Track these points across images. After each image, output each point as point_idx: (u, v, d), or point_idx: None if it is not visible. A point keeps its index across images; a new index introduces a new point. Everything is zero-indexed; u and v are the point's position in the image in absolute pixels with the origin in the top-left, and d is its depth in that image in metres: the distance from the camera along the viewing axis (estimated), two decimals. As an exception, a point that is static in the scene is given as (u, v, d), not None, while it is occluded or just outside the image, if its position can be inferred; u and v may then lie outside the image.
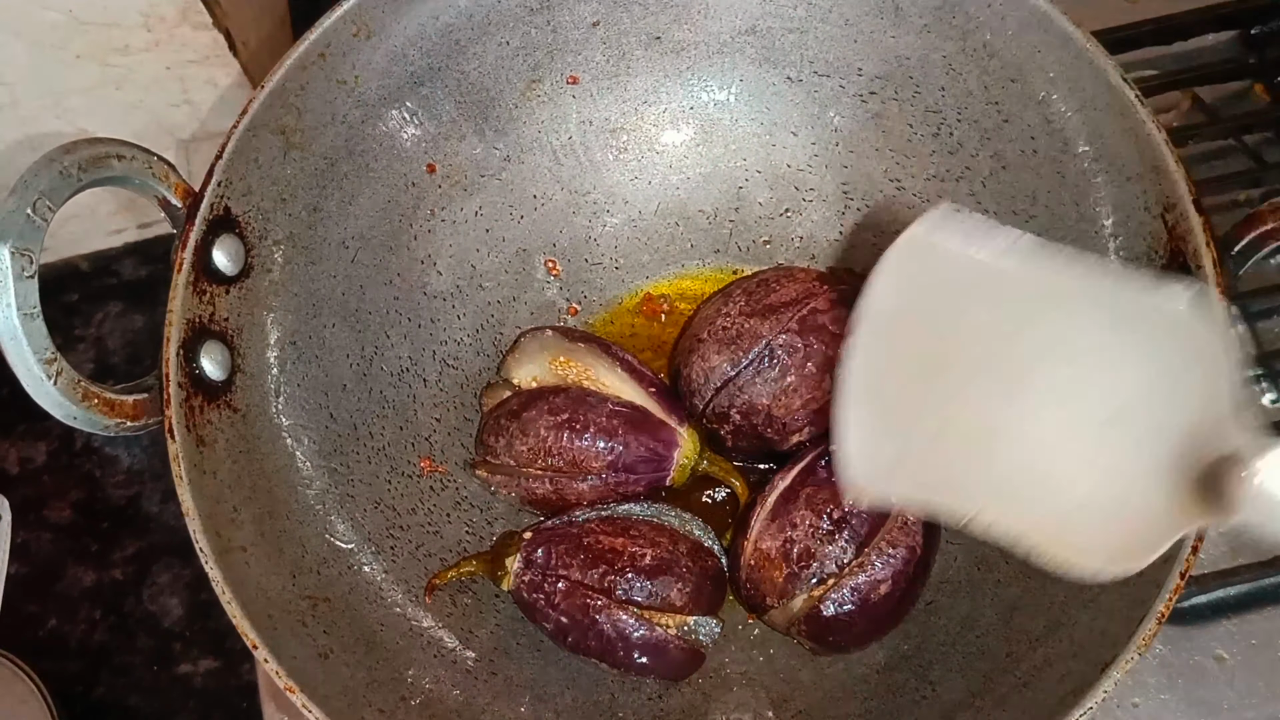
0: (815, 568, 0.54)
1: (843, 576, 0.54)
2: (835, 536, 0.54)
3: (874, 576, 0.54)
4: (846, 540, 0.54)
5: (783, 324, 0.59)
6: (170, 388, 0.51)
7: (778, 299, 0.60)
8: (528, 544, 0.57)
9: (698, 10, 0.65)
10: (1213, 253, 0.50)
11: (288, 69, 0.57)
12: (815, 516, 0.55)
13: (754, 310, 0.60)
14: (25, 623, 0.77)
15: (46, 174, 0.48)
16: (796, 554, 0.55)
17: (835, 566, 0.54)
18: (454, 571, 0.58)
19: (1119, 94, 0.54)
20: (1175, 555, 0.47)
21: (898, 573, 0.54)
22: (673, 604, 0.55)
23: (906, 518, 0.55)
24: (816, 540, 0.55)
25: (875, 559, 0.54)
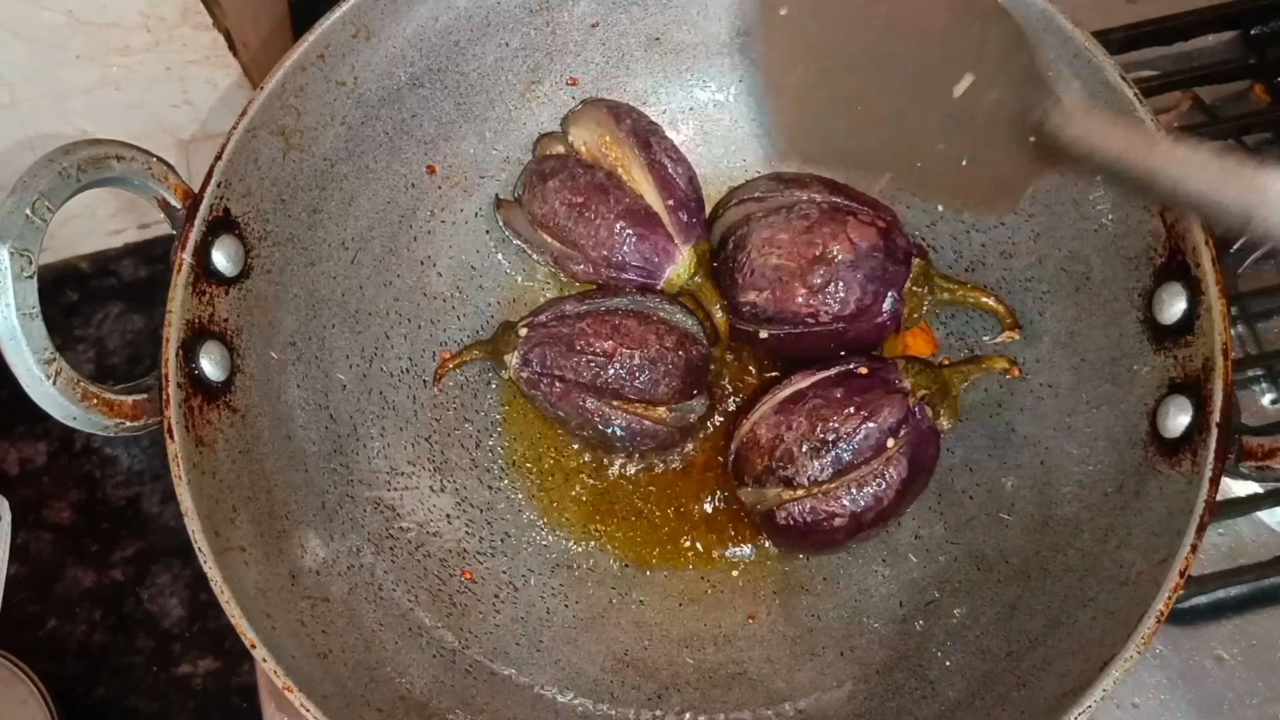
0: (790, 471, 0.56)
1: (809, 492, 0.56)
2: (821, 453, 0.56)
3: (834, 507, 0.56)
4: (829, 462, 0.56)
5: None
6: (169, 388, 0.51)
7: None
8: (523, 342, 0.61)
9: (696, 11, 0.65)
10: (1211, 251, 0.50)
11: (287, 70, 0.57)
12: (811, 428, 0.56)
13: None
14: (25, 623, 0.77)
15: (46, 175, 0.48)
16: (780, 452, 0.57)
17: (807, 480, 0.56)
18: (456, 359, 0.64)
19: (1117, 92, 0.54)
20: (1174, 554, 0.47)
21: (857, 512, 0.56)
22: (660, 397, 0.60)
23: (890, 468, 0.56)
24: (803, 449, 0.56)
25: (844, 492, 0.56)
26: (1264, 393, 0.67)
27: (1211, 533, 0.63)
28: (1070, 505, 0.56)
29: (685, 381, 0.60)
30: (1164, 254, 0.53)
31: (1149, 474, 0.52)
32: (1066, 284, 0.59)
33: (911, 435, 0.56)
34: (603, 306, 0.61)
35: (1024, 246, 0.61)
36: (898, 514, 0.58)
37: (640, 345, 0.59)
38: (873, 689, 0.57)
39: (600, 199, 0.61)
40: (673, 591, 0.62)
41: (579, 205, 0.61)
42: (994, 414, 0.61)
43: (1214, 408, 0.49)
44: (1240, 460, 0.49)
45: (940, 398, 0.58)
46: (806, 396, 0.58)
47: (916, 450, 0.57)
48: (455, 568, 0.61)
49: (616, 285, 0.63)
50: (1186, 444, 0.50)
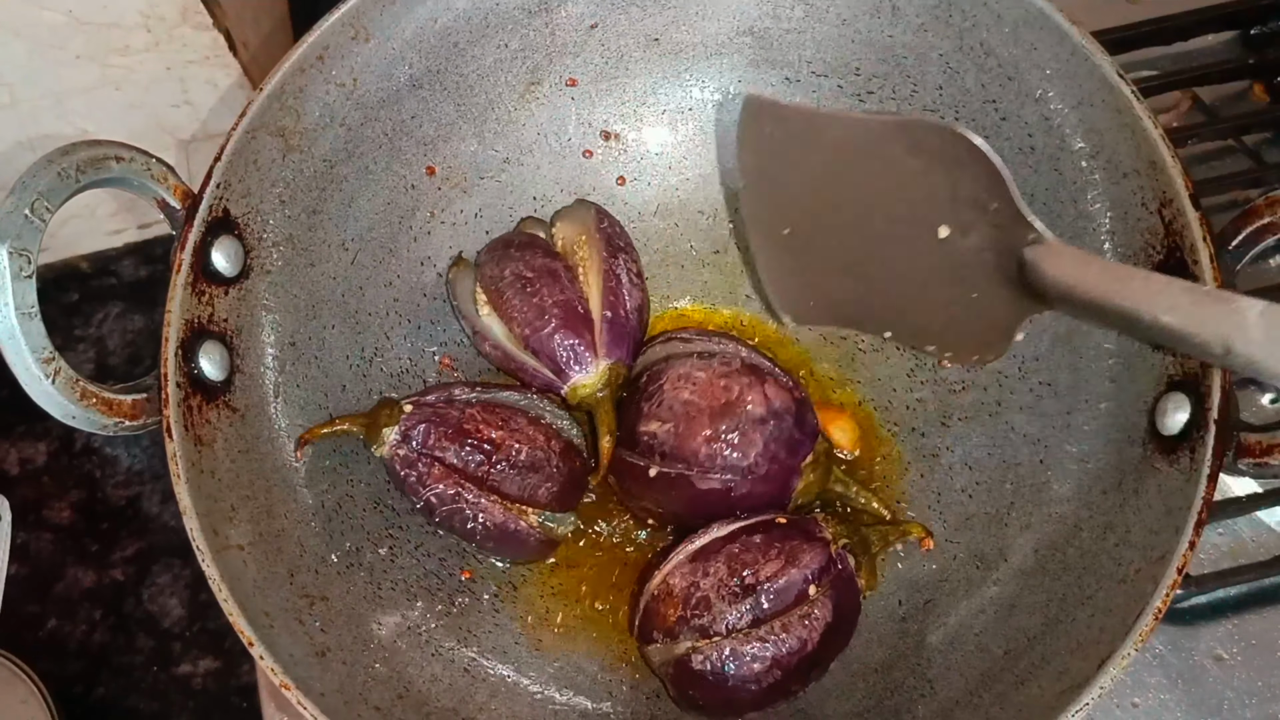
0: (706, 620, 0.53)
1: (726, 638, 0.53)
2: (739, 600, 0.53)
3: (755, 652, 0.52)
4: (748, 608, 0.53)
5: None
6: (169, 388, 0.51)
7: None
8: (407, 418, 0.57)
9: (695, 11, 0.65)
10: (1209, 248, 0.50)
11: (286, 71, 0.57)
12: (729, 574, 0.54)
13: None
14: (25, 623, 0.77)
15: (45, 175, 0.48)
16: (695, 600, 0.54)
17: (724, 628, 0.53)
18: (327, 429, 0.58)
19: (1116, 91, 0.54)
20: (1172, 552, 0.47)
21: (780, 658, 0.52)
22: (538, 500, 0.58)
23: (814, 612, 0.53)
24: (720, 596, 0.53)
25: (766, 637, 0.52)
26: (1263, 392, 0.67)
27: (1211, 532, 0.63)
28: (1069, 503, 0.56)
29: (564, 491, 0.59)
30: (1162, 251, 0.53)
31: (1147, 471, 0.52)
32: (1065, 283, 0.59)
33: (834, 581, 0.54)
34: (496, 397, 0.60)
35: (1022, 245, 0.61)
36: (821, 669, 0.55)
37: (530, 443, 0.57)
38: (871, 687, 0.56)
39: (548, 283, 0.60)
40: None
41: (526, 280, 0.60)
42: (993, 413, 0.61)
43: (1212, 404, 0.49)
44: (1238, 457, 0.48)
45: (860, 552, 0.56)
46: (724, 545, 0.55)
47: (840, 598, 0.54)
48: (454, 567, 0.61)
49: (520, 373, 0.62)
50: (1185, 441, 0.50)
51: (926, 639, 0.57)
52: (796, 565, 0.54)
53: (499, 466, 0.57)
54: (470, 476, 0.57)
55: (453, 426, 0.57)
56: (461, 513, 0.57)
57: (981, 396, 0.62)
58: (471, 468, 0.57)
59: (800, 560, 0.54)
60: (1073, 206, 0.58)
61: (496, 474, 0.57)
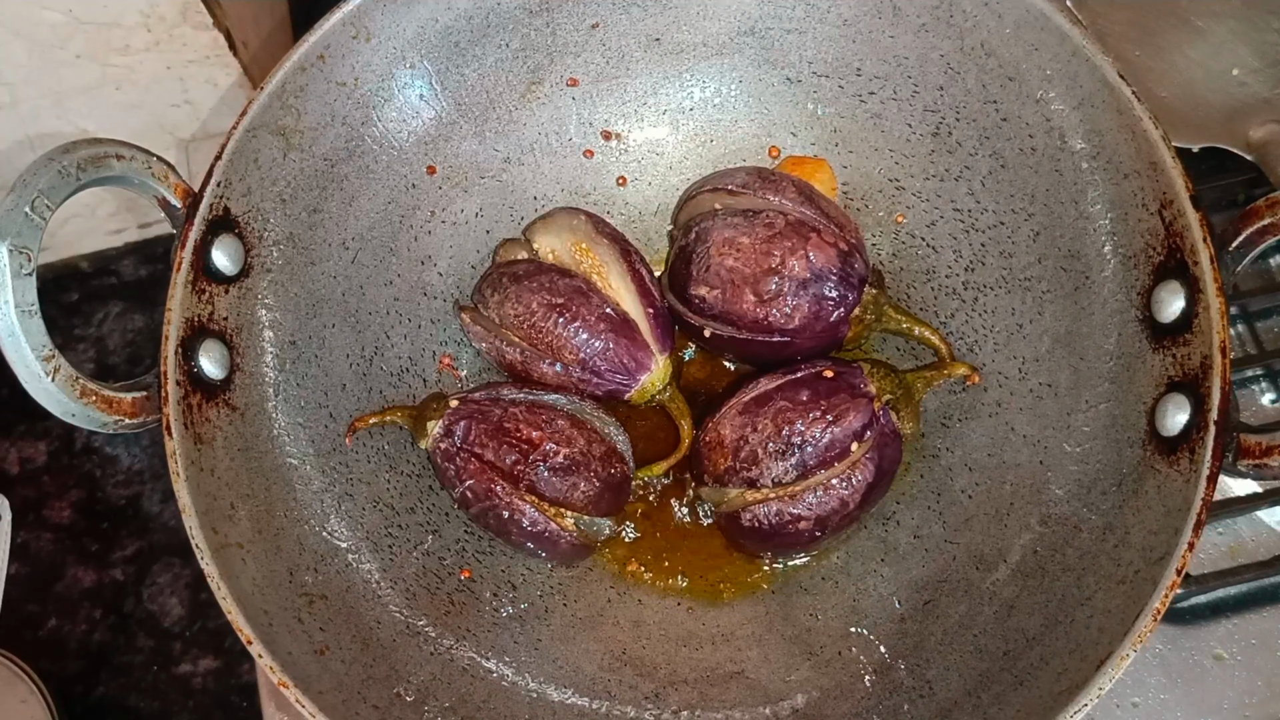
0: (754, 473, 0.57)
1: (772, 494, 0.56)
2: (785, 455, 0.56)
3: (799, 509, 0.56)
4: (793, 464, 0.56)
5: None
6: (168, 386, 0.52)
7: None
8: (450, 413, 0.59)
9: (696, 12, 0.65)
10: (1209, 249, 0.50)
11: (287, 71, 0.57)
12: (776, 430, 0.57)
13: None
14: (25, 623, 0.77)
15: (45, 173, 0.48)
16: (744, 453, 0.57)
17: (770, 481, 0.56)
18: (377, 418, 0.60)
19: (1116, 91, 0.54)
20: (1171, 553, 0.47)
21: (821, 516, 0.56)
22: (573, 503, 0.58)
23: (855, 475, 0.56)
24: (767, 451, 0.56)
25: (808, 494, 0.56)
26: (1263, 392, 0.67)
27: (1211, 532, 0.63)
28: (1068, 504, 0.55)
29: (601, 495, 0.59)
30: (1162, 252, 0.53)
31: (1147, 472, 0.52)
32: (1066, 283, 0.59)
33: (876, 440, 0.57)
34: (542, 399, 0.60)
35: (1023, 245, 0.61)
36: (861, 518, 0.59)
37: (567, 444, 0.58)
38: (870, 688, 0.56)
39: (581, 302, 0.60)
40: (671, 590, 0.62)
41: (559, 307, 0.60)
42: (993, 413, 0.61)
43: (1212, 406, 0.49)
44: (1238, 458, 0.48)
45: (904, 403, 0.59)
46: (772, 399, 0.58)
47: (881, 455, 0.57)
48: (453, 566, 0.61)
49: (584, 391, 0.61)
50: (1184, 442, 0.50)
51: (925, 639, 0.57)
52: (841, 423, 0.56)
53: (535, 467, 0.57)
54: (506, 474, 0.57)
55: (493, 424, 0.58)
56: (495, 510, 0.57)
57: (981, 397, 0.62)
58: (507, 465, 0.57)
59: (845, 418, 0.56)
60: (1073, 207, 0.58)
61: (532, 474, 0.57)
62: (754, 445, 0.57)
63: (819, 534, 0.57)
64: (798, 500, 0.56)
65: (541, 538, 0.58)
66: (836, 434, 0.56)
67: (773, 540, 0.58)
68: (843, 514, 0.57)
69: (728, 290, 0.59)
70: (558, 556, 0.61)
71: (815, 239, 0.59)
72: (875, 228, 0.67)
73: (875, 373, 0.58)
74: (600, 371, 0.60)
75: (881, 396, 0.57)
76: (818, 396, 0.57)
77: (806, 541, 0.58)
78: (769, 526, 0.57)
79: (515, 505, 0.57)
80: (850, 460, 0.56)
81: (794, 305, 0.59)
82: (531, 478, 0.57)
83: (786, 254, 0.58)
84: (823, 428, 0.56)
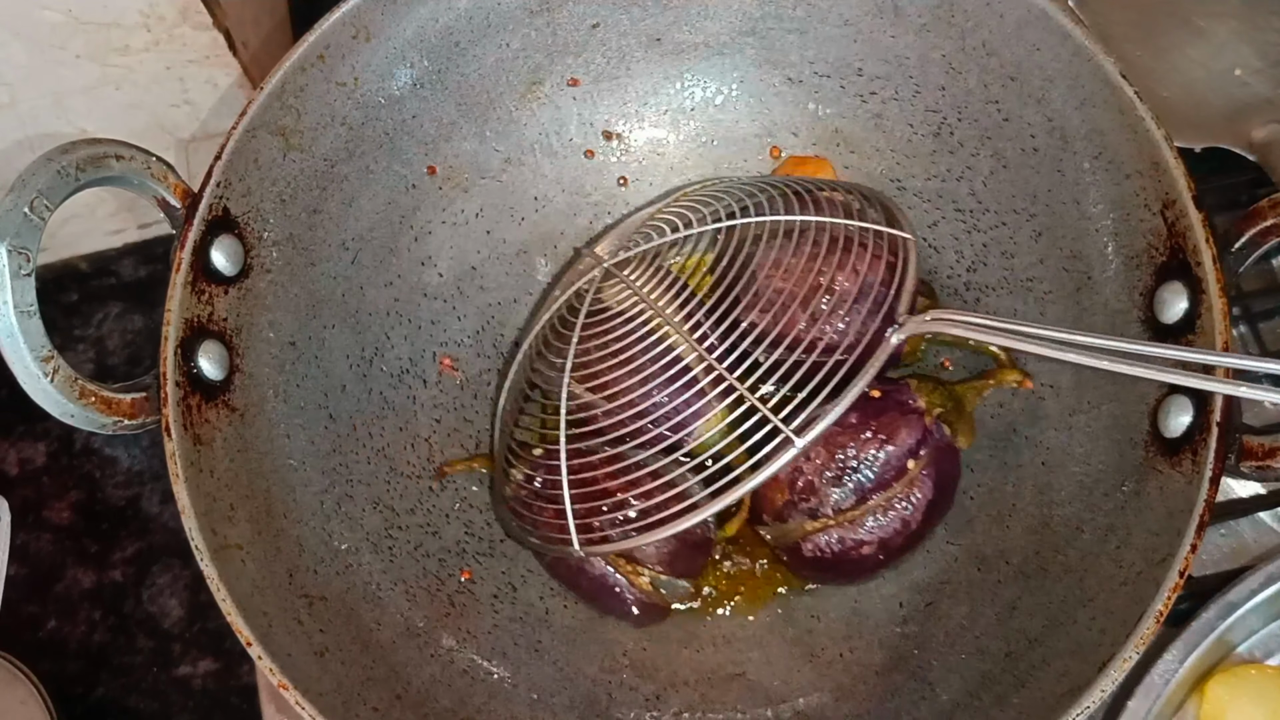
0: (813, 503, 0.55)
1: (833, 522, 0.55)
2: (842, 481, 0.55)
3: (860, 534, 0.55)
4: (851, 489, 0.55)
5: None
6: (168, 386, 0.51)
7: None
8: (533, 462, 0.57)
9: (697, 11, 0.65)
10: (1212, 249, 0.50)
11: (287, 70, 0.57)
12: (830, 457, 0.56)
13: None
14: (25, 624, 0.77)
15: (45, 173, 0.48)
16: (801, 484, 0.56)
17: (831, 510, 0.55)
18: (464, 464, 0.62)
19: (1118, 91, 0.54)
20: (1174, 554, 0.47)
21: (884, 539, 0.55)
22: (648, 560, 0.56)
23: (914, 493, 0.55)
24: (823, 479, 0.55)
25: (869, 518, 0.55)
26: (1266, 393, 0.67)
27: (1213, 533, 0.63)
28: (1070, 505, 0.55)
29: (679, 554, 0.57)
30: (1165, 253, 0.53)
31: (1149, 474, 0.51)
32: (1068, 283, 0.59)
33: (932, 454, 0.56)
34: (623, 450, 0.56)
35: (1025, 246, 0.61)
36: (925, 537, 0.58)
37: (646, 499, 0.54)
38: (871, 689, 0.56)
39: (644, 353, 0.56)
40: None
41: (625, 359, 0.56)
42: (994, 414, 0.61)
43: (1214, 407, 0.48)
44: (1241, 460, 0.48)
45: (955, 415, 0.58)
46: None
47: (939, 470, 0.56)
48: (454, 567, 0.61)
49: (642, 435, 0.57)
50: (1187, 444, 0.50)
51: (927, 641, 0.57)
52: (894, 442, 0.55)
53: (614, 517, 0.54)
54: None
55: (572, 473, 0.55)
56: (567, 561, 0.56)
57: (982, 398, 0.62)
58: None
59: (897, 437, 0.55)
60: (1075, 207, 0.58)
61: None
62: (809, 475, 0.56)
63: (883, 558, 0.56)
64: (858, 525, 0.55)
65: (611, 592, 0.57)
66: (891, 453, 0.55)
67: (837, 569, 0.57)
68: (905, 534, 0.56)
69: (779, 313, 0.57)
70: (629, 616, 0.58)
71: (861, 253, 0.57)
72: (876, 228, 0.66)
73: (923, 387, 0.57)
74: (659, 419, 0.56)
75: (931, 410, 0.56)
76: (867, 417, 0.56)
77: (872, 567, 0.57)
78: (831, 554, 0.56)
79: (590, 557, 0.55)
80: (908, 479, 0.55)
81: (847, 321, 0.57)
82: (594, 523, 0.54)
83: (834, 269, 0.57)
84: (876, 448, 0.55)
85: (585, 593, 0.58)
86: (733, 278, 0.59)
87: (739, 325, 0.57)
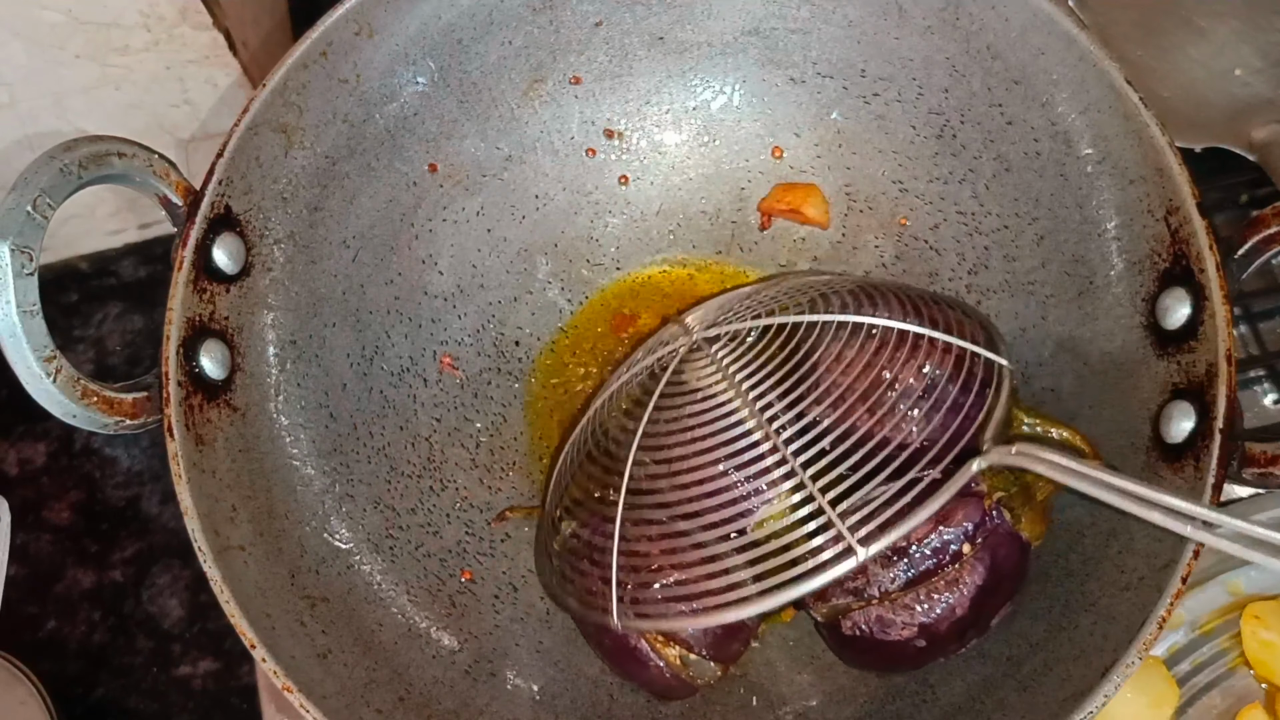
0: (860, 583, 0.52)
1: (877, 603, 0.52)
2: (892, 562, 0.52)
3: (901, 615, 0.52)
4: (900, 570, 0.52)
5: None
6: (170, 386, 0.51)
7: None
8: (586, 523, 0.54)
9: (701, 10, 0.65)
10: (1215, 256, 0.50)
11: (289, 68, 0.57)
12: None
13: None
14: (25, 624, 0.77)
15: (47, 171, 0.48)
16: None
17: (878, 591, 0.52)
18: (523, 513, 0.62)
19: (1123, 96, 0.54)
20: (1177, 560, 0.47)
21: (926, 624, 0.52)
22: (681, 638, 0.54)
23: (963, 577, 0.51)
24: (873, 560, 0.50)
25: (913, 600, 0.52)
26: (1266, 393, 0.67)
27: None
28: (1072, 509, 0.55)
29: (719, 641, 0.54)
30: (1168, 258, 0.53)
31: (1151, 479, 0.51)
32: (1070, 288, 0.59)
33: (989, 540, 0.52)
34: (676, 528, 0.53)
35: (1027, 249, 0.61)
36: (980, 628, 0.53)
37: (683, 571, 0.51)
38: (872, 693, 0.56)
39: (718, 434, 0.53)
40: None
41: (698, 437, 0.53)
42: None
43: (1217, 414, 0.48)
44: (1243, 467, 0.48)
45: (1020, 501, 0.53)
46: None
47: (994, 556, 0.52)
48: (455, 568, 0.60)
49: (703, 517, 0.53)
50: (1189, 450, 0.50)
51: (929, 644, 0.57)
52: (950, 524, 0.52)
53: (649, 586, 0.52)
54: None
55: (624, 541, 0.52)
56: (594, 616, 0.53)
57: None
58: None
59: (953, 518, 0.52)
60: (1078, 212, 0.58)
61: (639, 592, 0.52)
62: None
63: (925, 645, 0.52)
64: (899, 605, 0.52)
65: (632, 656, 0.54)
66: (947, 536, 0.52)
67: (877, 653, 0.53)
68: (950, 621, 0.52)
69: (842, 410, 0.53)
70: (650, 687, 0.56)
71: (927, 347, 0.53)
72: (878, 230, 0.66)
73: (988, 471, 0.52)
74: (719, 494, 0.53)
75: (993, 494, 0.52)
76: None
77: (914, 655, 0.53)
78: (870, 634, 0.52)
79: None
80: (961, 563, 0.52)
81: (912, 419, 0.53)
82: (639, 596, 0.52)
83: (900, 366, 0.53)
84: (929, 529, 0.51)
85: (608, 651, 0.55)
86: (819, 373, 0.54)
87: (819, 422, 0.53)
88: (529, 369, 0.67)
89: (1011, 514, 0.53)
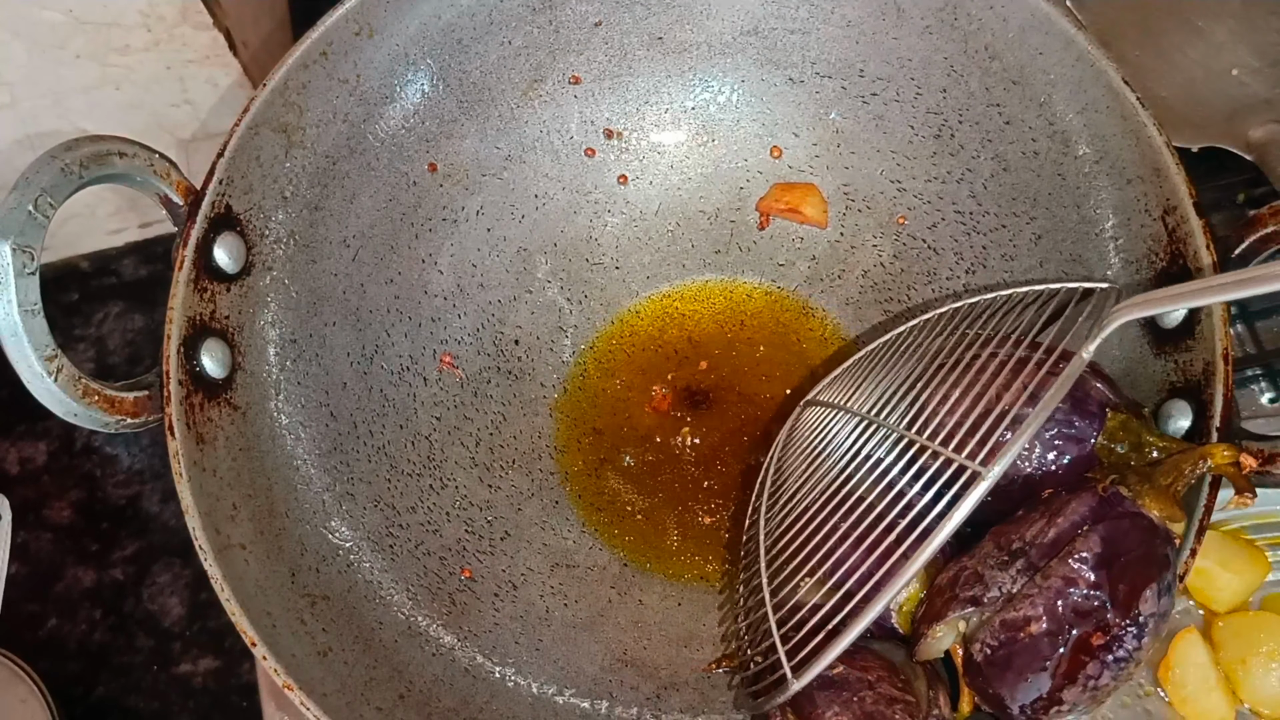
0: (976, 590, 0.47)
1: (999, 609, 0.46)
2: (1008, 564, 0.47)
3: (1025, 609, 0.45)
4: (1018, 570, 0.46)
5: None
6: (170, 385, 0.51)
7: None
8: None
9: (700, 11, 0.65)
10: (1212, 255, 0.50)
11: (289, 67, 0.57)
12: (994, 545, 0.48)
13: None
14: (25, 623, 0.77)
15: (48, 171, 0.48)
16: (964, 577, 0.48)
17: (998, 590, 0.47)
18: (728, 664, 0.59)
19: (1121, 97, 0.54)
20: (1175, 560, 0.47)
21: (1050, 606, 0.45)
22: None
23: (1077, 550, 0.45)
24: (987, 565, 0.47)
25: (1031, 592, 0.46)
26: (1263, 391, 0.67)
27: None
28: (1070, 507, 0.55)
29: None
30: (1165, 258, 0.53)
31: (1149, 477, 0.51)
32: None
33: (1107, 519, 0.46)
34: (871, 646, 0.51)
35: (1025, 249, 0.61)
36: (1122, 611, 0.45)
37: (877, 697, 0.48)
38: (872, 690, 0.56)
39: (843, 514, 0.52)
40: (672, 591, 0.62)
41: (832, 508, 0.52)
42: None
43: (1214, 412, 0.49)
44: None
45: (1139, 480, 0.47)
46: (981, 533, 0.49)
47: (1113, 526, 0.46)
48: (455, 566, 0.61)
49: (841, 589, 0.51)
50: (1186, 447, 0.50)
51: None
52: (1062, 515, 0.47)
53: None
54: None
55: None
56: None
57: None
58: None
59: (1065, 510, 0.47)
60: (1076, 211, 0.58)
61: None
62: (971, 567, 0.48)
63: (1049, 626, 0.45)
64: (1020, 598, 0.46)
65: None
66: (1061, 525, 0.46)
67: (1011, 666, 0.46)
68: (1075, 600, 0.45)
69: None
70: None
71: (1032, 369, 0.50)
72: (876, 229, 0.67)
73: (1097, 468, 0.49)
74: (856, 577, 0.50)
75: (1105, 479, 0.47)
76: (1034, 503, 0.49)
77: (1048, 652, 0.45)
78: (999, 645, 0.46)
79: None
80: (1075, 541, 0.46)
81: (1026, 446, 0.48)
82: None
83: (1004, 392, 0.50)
84: (1043, 525, 0.47)
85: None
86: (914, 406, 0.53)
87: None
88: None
89: (1131, 492, 0.47)
